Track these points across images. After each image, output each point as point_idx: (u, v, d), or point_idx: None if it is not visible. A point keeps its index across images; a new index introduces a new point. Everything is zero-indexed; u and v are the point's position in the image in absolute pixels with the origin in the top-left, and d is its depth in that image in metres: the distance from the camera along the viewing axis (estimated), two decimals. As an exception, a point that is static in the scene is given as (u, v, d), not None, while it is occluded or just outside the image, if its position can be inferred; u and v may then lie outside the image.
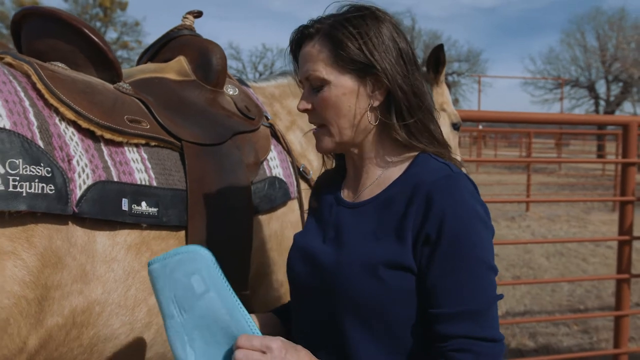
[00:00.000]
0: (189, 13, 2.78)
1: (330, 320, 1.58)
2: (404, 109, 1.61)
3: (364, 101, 1.63)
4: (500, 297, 1.51)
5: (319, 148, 1.72)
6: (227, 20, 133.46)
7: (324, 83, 1.63)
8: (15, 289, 1.65)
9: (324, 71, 1.62)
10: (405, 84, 1.61)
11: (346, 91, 1.62)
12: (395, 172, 1.65)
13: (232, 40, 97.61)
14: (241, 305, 1.51)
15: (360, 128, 1.65)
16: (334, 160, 1.94)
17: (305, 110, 1.70)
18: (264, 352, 1.40)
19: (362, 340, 1.53)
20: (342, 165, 1.87)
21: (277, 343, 1.42)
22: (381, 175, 1.68)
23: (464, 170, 1.70)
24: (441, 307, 1.45)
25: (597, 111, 39.27)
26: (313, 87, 1.67)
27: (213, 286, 1.50)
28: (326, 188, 1.86)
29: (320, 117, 1.68)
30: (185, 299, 1.49)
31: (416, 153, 1.66)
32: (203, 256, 1.54)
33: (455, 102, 42.21)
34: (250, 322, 1.49)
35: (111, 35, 44.85)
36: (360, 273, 1.51)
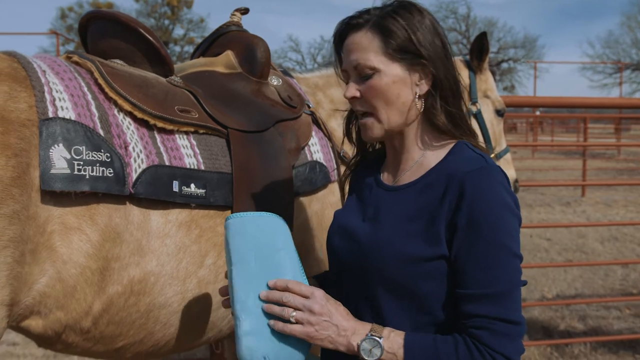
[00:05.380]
0: (236, 10, 2.97)
1: (366, 294, 1.72)
2: (449, 97, 1.73)
3: (411, 90, 1.71)
4: (524, 283, 1.62)
5: (368, 137, 1.79)
6: (286, 15, 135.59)
7: (373, 71, 1.69)
8: (81, 260, 1.89)
9: (375, 60, 1.68)
10: (449, 74, 1.72)
11: (395, 79, 1.69)
12: (433, 159, 1.75)
13: (292, 33, 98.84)
14: (302, 269, 1.75)
15: (407, 115, 1.73)
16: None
17: (352, 98, 1.75)
18: (307, 297, 1.61)
19: (394, 315, 1.67)
20: (380, 149, 1.99)
21: (320, 291, 1.64)
22: (419, 160, 1.77)
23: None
24: (468, 288, 1.57)
25: (659, 95, 38.16)
26: (361, 76, 1.72)
27: (286, 247, 1.74)
28: (365, 169, 1.97)
29: (367, 105, 1.73)
30: (264, 250, 1.70)
31: (453, 142, 1.76)
32: (282, 221, 1.79)
33: (512, 88, 41.49)
34: (306, 281, 1.73)
35: (178, 32, 46.36)
36: (395, 254, 1.64)
